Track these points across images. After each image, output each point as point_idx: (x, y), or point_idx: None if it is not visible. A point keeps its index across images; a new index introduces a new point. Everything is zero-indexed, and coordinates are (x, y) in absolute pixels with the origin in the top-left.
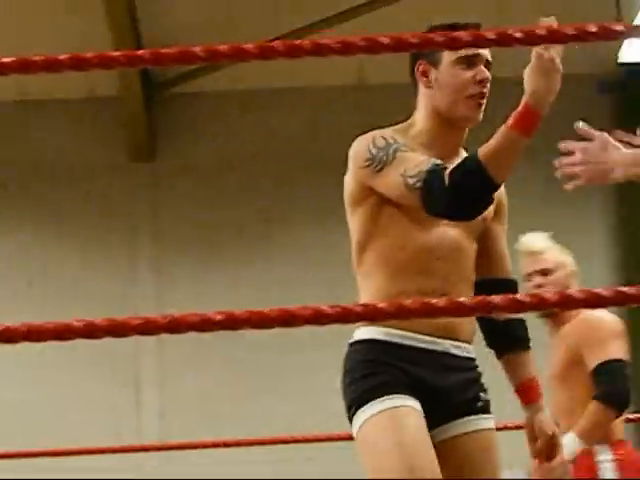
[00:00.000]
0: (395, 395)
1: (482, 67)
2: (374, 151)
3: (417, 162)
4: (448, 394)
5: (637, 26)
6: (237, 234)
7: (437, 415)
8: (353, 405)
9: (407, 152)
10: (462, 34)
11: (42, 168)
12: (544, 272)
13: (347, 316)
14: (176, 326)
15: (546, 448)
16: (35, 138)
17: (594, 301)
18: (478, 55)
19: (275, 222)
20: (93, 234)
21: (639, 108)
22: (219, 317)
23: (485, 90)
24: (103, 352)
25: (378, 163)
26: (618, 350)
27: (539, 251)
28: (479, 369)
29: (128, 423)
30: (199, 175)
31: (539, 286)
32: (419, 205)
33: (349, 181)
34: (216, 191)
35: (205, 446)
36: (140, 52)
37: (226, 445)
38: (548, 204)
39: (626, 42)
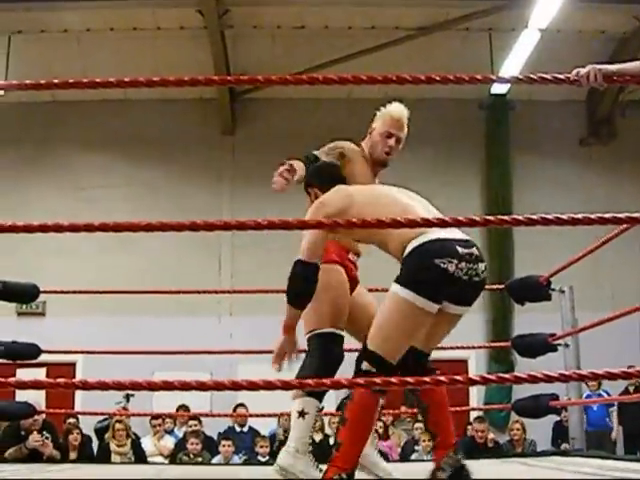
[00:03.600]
0: None
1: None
2: None
3: None
4: None
5: (499, 77)
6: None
7: None
8: None
9: None
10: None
11: (161, 139)
12: (399, 141)
13: None
14: (242, 225)
15: None
16: (163, 124)
17: None
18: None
19: None
20: (193, 176)
21: (501, 120)
22: (277, 221)
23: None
24: (199, 240)
25: None
26: None
27: (405, 123)
28: None
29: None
30: (262, 147)
31: (390, 148)
32: None
33: None
34: (275, 152)
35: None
36: (229, 77)
37: None
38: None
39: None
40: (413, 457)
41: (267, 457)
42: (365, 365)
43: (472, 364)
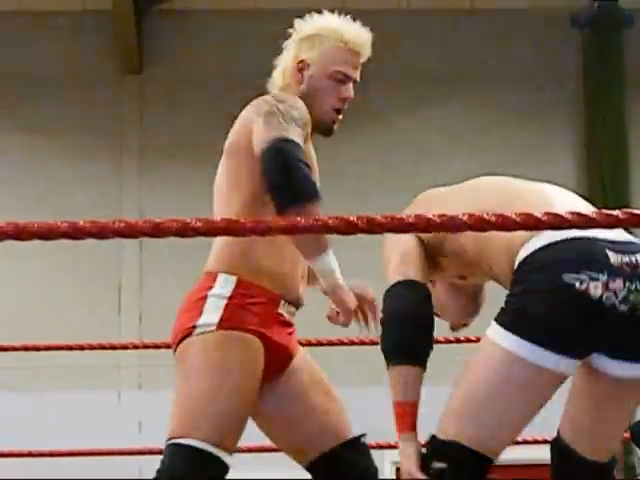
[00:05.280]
0: None
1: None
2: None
3: None
4: None
5: None
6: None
7: None
8: None
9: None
10: None
11: (35, 78)
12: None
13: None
14: (156, 230)
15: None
16: (27, 48)
17: None
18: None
19: None
20: (82, 140)
21: (610, 42)
22: (198, 224)
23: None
24: (87, 255)
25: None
26: None
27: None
28: None
29: (109, 323)
30: (183, 88)
31: (344, 101)
32: None
33: None
34: (199, 103)
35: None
36: None
37: None
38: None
39: None
40: None
41: None
42: (436, 465)
43: None
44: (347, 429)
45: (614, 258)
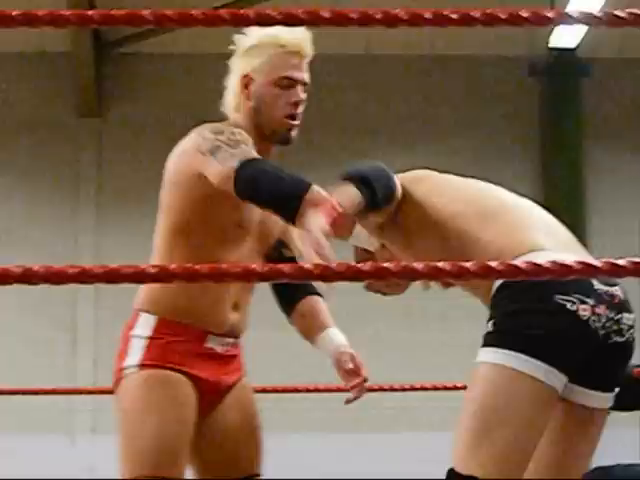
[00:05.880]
0: None
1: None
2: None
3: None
4: None
5: (566, 13)
6: None
7: None
8: None
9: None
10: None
11: None
12: (305, 90)
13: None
14: (111, 277)
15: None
16: None
17: None
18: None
19: None
20: (39, 185)
21: (567, 91)
22: (153, 270)
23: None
24: (42, 297)
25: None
26: None
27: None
28: None
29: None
30: (142, 131)
31: (296, 104)
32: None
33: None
34: (157, 148)
35: None
36: (90, 12)
37: None
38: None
39: (557, 28)
40: None
41: None
42: None
43: None
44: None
45: (598, 286)
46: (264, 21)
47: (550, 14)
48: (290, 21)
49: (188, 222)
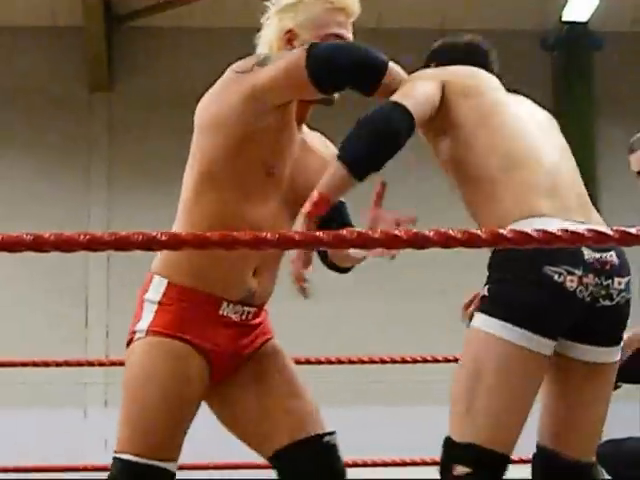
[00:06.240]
0: None
1: None
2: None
3: None
4: None
5: None
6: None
7: None
8: None
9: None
10: None
11: (4, 92)
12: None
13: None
14: (121, 244)
15: None
16: None
17: None
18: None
19: None
20: (51, 159)
21: (579, 65)
22: (163, 237)
23: None
24: (53, 269)
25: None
26: None
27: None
28: None
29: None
30: (153, 105)
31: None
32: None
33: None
34: (168, 122)
35: None
36: None
37: None
38: None
39: (569, 1)
40: None
41: None
42: (458, 470)
43: None
44: (310, 426)
45: (588, 255)
46: None
47: None
48: None
49: (216, 173)
